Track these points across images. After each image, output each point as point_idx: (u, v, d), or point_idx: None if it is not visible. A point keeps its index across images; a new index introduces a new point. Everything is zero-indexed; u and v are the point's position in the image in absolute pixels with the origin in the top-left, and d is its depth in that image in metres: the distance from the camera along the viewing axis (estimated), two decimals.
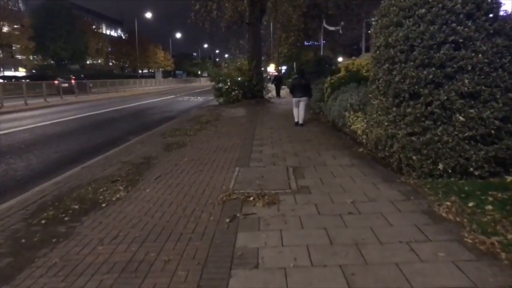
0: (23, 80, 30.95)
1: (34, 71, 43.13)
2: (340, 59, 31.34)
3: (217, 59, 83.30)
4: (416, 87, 4.45)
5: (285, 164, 5.67)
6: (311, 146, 6.92)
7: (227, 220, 3.51)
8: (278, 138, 7.93)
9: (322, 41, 30.42)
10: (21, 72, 45.57)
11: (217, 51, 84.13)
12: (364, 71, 9.57)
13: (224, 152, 6.71)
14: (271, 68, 41.54)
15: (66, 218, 3.78)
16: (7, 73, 44.05)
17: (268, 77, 33.16)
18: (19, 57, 42.94)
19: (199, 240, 3.14)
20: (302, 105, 9.42)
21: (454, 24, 4.28)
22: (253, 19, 17.84)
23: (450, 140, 4.25)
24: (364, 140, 6.01)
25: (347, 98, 7.79)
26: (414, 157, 4.45)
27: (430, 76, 4.34)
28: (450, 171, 4.30)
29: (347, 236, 3.08)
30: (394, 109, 4.71)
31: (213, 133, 8.97)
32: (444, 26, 4.32)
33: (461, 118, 4.22)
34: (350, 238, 3.05)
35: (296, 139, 7.75)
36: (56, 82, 26.00)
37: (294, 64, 34.11)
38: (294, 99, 9.54)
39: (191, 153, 6.75)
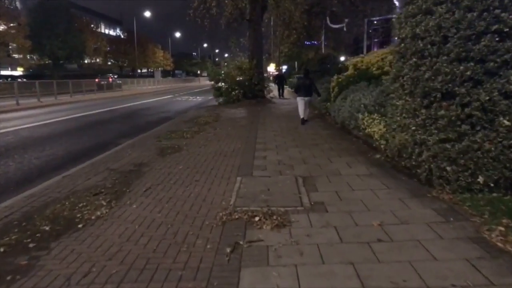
0: (19, 80, 30.44)
1: (31, 70, 42.43)
2: (342, 58, 30.60)
3: (217, 59, 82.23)
4: (450, 85, 3.78)
5: (293, 173, 4.99)
6: (320, 151, 6.24)
7: (228, 249, 2.83)
8: (283, 142, 7.24)
9: (324, 42, 29.77)
10: (19, 72, 44.82)
11: (216, 51, 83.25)
12: (374, 68, 8.86)
13: (224, 158, 6.03)
14: (271, 68, 40.90)
15: (31, 245, 3.09)
16: (4, 72, 43.27)
17: (269, 77, 32.40)
18: (15, 56, 42.18)
19: (192, 280, 2.46)
20: (307, 103, 9.66)
21: (497, 11, 3.61)
22: (254, 16, 17.14)
23: (492, 148, 3.58)
24: (382, 146, 5.32)
25: (359, 98, 7.09)
26: (448, 168, 3.77)
27: (468, 73, 3.67)
28: (492, 185, 3.64)
29: (383, 276, 2.39)
30: (423, 111, 4.04)
31: (212, 136, 8.29)
32: (485, 13, 3.65)
33: (506, 122, 3.56)
34: (387, 279, 2.36)
35: (303, 143, 7.06)
36: (96, 80, 30.39)
37: (296, 63, 33.44)
38: (299, 98, 9.67)
39: (187, 159, 6.07)
